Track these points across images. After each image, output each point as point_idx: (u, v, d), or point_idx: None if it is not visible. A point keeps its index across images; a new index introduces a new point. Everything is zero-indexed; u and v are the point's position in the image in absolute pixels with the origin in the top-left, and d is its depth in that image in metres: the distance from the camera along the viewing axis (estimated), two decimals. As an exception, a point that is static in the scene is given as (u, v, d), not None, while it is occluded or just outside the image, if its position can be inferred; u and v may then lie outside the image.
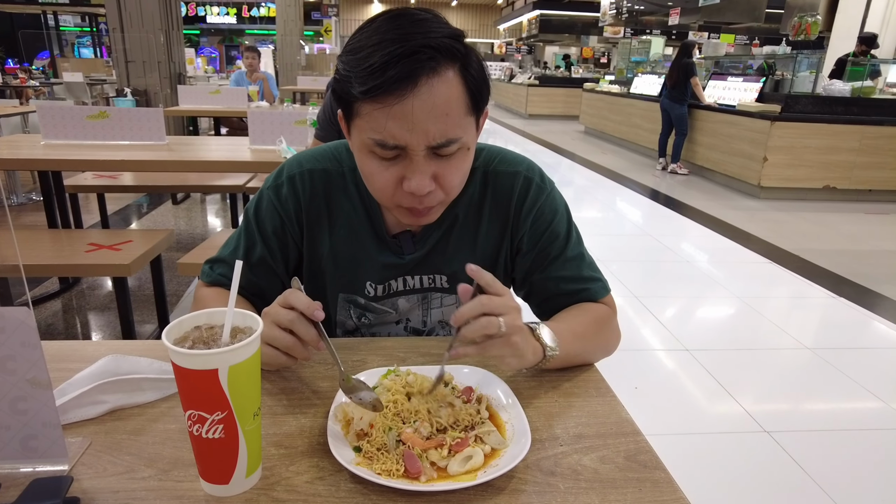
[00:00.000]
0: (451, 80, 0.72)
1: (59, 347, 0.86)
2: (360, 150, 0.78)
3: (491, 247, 0.96)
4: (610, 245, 4.34)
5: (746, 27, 12.82)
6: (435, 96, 0.70)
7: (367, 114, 0.73)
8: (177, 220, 4.68)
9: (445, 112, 0.72)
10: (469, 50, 0.74)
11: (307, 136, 2.71)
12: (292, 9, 13.56)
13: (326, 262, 0.96)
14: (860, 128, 5.72)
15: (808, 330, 3.05)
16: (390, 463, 0.61)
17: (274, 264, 0.95)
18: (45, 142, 2.75)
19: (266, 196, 0.94)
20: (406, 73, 0.69)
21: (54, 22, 20.40)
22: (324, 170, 0.94)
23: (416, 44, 0.69)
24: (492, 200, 0.94)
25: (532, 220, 0.93)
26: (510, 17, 21.86)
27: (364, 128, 0.74)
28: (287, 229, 0.94)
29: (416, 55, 0.69)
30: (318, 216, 0.94)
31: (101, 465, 0.62)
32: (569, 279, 0.94)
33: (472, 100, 0.75)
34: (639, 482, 0.62)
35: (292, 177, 0.93)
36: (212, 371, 0.53)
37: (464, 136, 0.76)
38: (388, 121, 0.71)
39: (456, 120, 0.74)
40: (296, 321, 0.70)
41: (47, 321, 2.86)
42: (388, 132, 0.72)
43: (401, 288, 0.97)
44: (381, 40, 0.70)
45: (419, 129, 0.72)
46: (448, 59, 0.71)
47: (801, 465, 1.90)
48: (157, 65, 6.12)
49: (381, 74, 0.68)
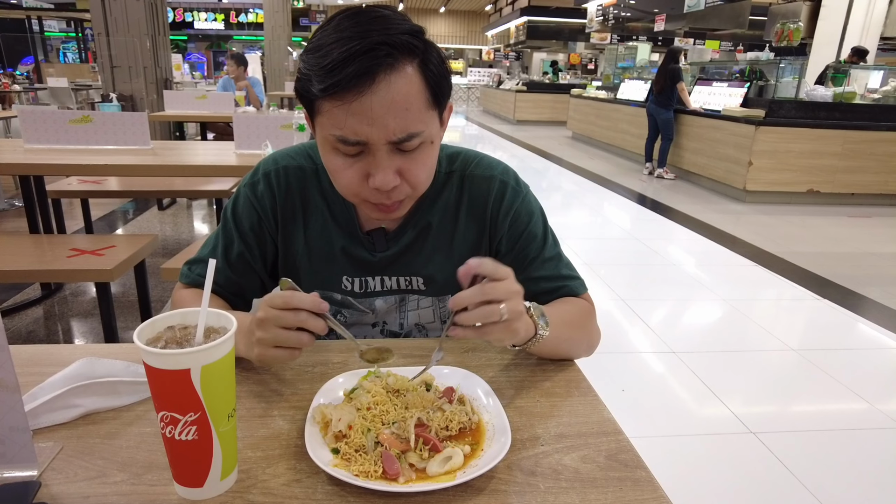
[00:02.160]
0: (409, 76, 0.72)
1: (33, 351, 0.84)
2: (324, 147, 0.79)
3: (468, 250, 0.96)
4: (597, 249, 4.36)
5: (731, 33, 12.98)
6: (393, 92, 0.71)
7: (328, 111, 0.73)
8: (163, 225, 4.64)
9: (405, 107, 0.73)
10: (428, 45, 0.75)
11: (293, 141, 2.70)
12: (280, 15, 13.55)
13: (301, 258, 0.96)
14: (843, 132, 5.80)
15: (793, 332, 3.08)
16: (368, 464, 0.60)
17: (252, 261, 0.95)
18: (28, 146, 2.72)
19: (243, 193, 0.95)
20: (364, 70, 0.69)
21: (39, 27, 20.21)
22: (298, 166, 0.94)
23: (374, 40, 0.69)
24: (468, 204, 0.95)
25: (510, 223, 0.95)
26: (498, 24, 21.98)
27: (326, 125, 0.75)
28: (264, 226, 0.94)
29: (374, 51, 0.69)
30: (293, 212, 0.95)
31: (73, 469, 0.60)
32: (548, 278, 0.95)
33: (432, 94, 0.76)
34: (620, 481, 0.62)
35: (268, 173, 0.94)
36: (184, 371, 0.52)
37: (425, 129, 0.76)
38: (347, 117, 0.72)
39: (416, 114, 0.74)
40: (308, 320, 0.69)
41: (28, 328, 2.81)
42: (349, 128, 0.73)
43: (378, 288, 0.97)
44: (339, 38, 0.70)
45: (379, 125, 0.72)
46: (406, 55, 0.72)
47: (788, 466, 1.91)
48: (143, 70, 6.07)
49: (339, 72, 0.69)
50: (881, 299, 3.41)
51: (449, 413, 0.68)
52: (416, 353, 0.88)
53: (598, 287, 3.49)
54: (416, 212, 0.94)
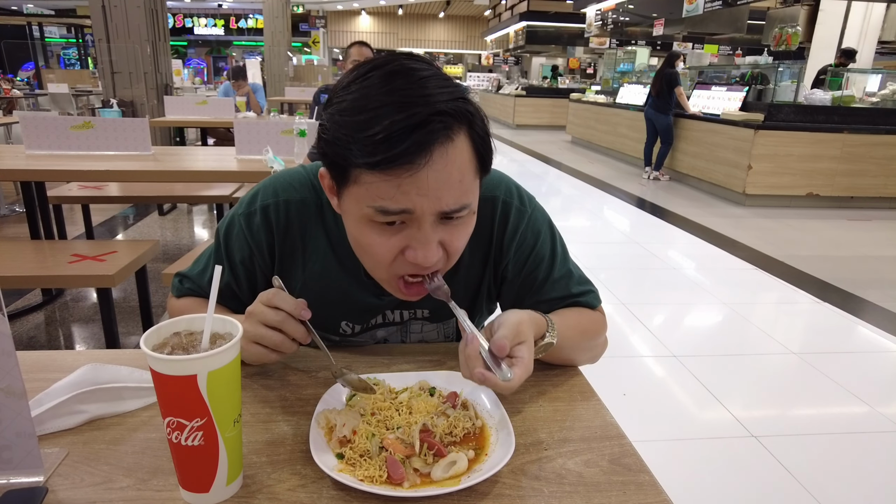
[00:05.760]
0: (462, 145, 0.66)
1: (37, 357, 0.84)
2: (357, 219, 0.71)
3: (473, 277, 0.92)
4: (597, 253, 4.36)
5: (729, 38, 13.02)
6: (450, 165, 0.65)
7: (370, 183, 0.65)
8: (163, 230, 4.64)
9: (459, 179, 0.67)
10: (476, 108, 0.69)
11: (293, 146, 2.71)
12: (280, 20, 13.60)
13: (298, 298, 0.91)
14: (841, 136, 5.82)
15: (794, 335, 3.08)
16: (373, 469, 0.61)
17: (239, 292, 0.90)
18: (29, 152, 2.73)
19: (237, 223, 0.88)
20: (420, 146, 0.62)
21: (39, 33, 20.27)
22: (300, 200, 0.87)
23: (428, 111, 0.62)
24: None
25: (515, 248, 0.90)
26: (497, 29, 22.02)
27: (363, 196, 0.67)
28: (255, 261, 0.88)
29: (430, 125, 0.62)
30: (292, 250, 0.88)
31: (78, 475, 0.60)
32: (560, 299, 0.92)
33: (479, 161, 0.70)
34: (623, 485, 0.62)
35: (266, 207, 0.86)
36: (190, 377, 0.53)
37: (473, 200, 0.71)
38: (396, 193, 0.65)
39: (468, 185, 0.69)
40: (285, 321, 0.69)
41: (29, 333, 2.81)
42: (395, 202, 0.65)
43: (380, 321, 0.94)
44: (381, 104, 0.63)
45: (432, 197, 0.66)
46: (458, 123, 0.66)
47: (789, 470, 1.91)
48: (143, 76, 6.09)
49: (390, 147, 0.62)
50: (881, 302, 3.42)
51: (453, 418, 0.68)
52: (418, 358, 0.88)
53: (600, 291, 3.48)
54: None
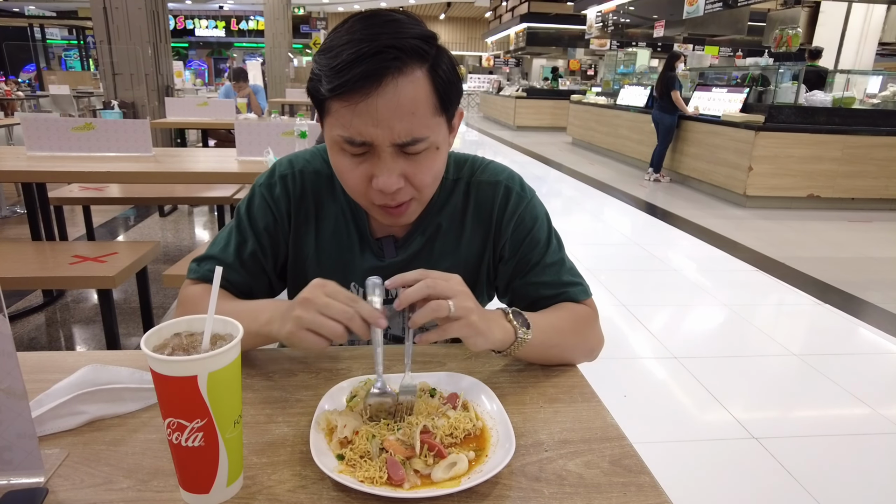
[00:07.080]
0: (417, 80, 0.73)
1: (37, 358, 0.84)
2: (332, 147, 0.80)
3: (474, 255, 0.97)
4: (598, 254, 4.36)
5: (729, 39, 13.02)
6: (400, 95, 0.72)
7: (336, 111, 0.75)
8: (164, 232, 4.64)
9: (411, 111, 0.73)
10: (439, 51, 0.76)
11: (294, 148, 2.71)
12: (281, 22, 13.62)
13: (311, 262, 0.97)
14: (842, 137, 5.82)
15: (795, 337, 3.07)
16: (373, 470, 0.61)
17: (264, 261, 0.95)
18: (30, 154, 2.73)
19: (259, 193, 0.95)
20: (371, 72, 0.70)
21: (41, 35, 20.31)
22: (314, 171, 0.95)
23: (383, 43, 0.70)
24: (474, 210, 0.96)
25: (513, 228, 0.95)
26: (498, 31, 22.04)
27: (333, 125, 0.76)
28: (279, 227, 0.95)
29: (382, 54, 0.70)
30: (307, 217, 0.96)
31: (79, 476, 0.60)
32: (549, 284, 0.95)
33: (440, 100, 0.76)
34: (623, 487, 0.62)
35: (284, 176, 0.95)
36: (191, 378, 0.53)
37: (431, 135, 0.77)
38: (353, 118, 0.73)
39: (422, 119, 0.75)
40: (354, 319, 0.69)
41: (30, 334, 2.81)
42: (355, 129, 0.74)
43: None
44: (350, 40, 0.71)
45: (384, 126, 0.73)
46: (415, 60, 0.73)
47: (790, 472, 1.90)
48: (144, 77, 6.10)
49: (346, 73, 0.70)
50: (882, 304, 3.41)
51: (453, 419, 0.68)
52: (417, 359, 0.88)
53: (600, 293, 3.49)
54: (425, 218, 0.94)
